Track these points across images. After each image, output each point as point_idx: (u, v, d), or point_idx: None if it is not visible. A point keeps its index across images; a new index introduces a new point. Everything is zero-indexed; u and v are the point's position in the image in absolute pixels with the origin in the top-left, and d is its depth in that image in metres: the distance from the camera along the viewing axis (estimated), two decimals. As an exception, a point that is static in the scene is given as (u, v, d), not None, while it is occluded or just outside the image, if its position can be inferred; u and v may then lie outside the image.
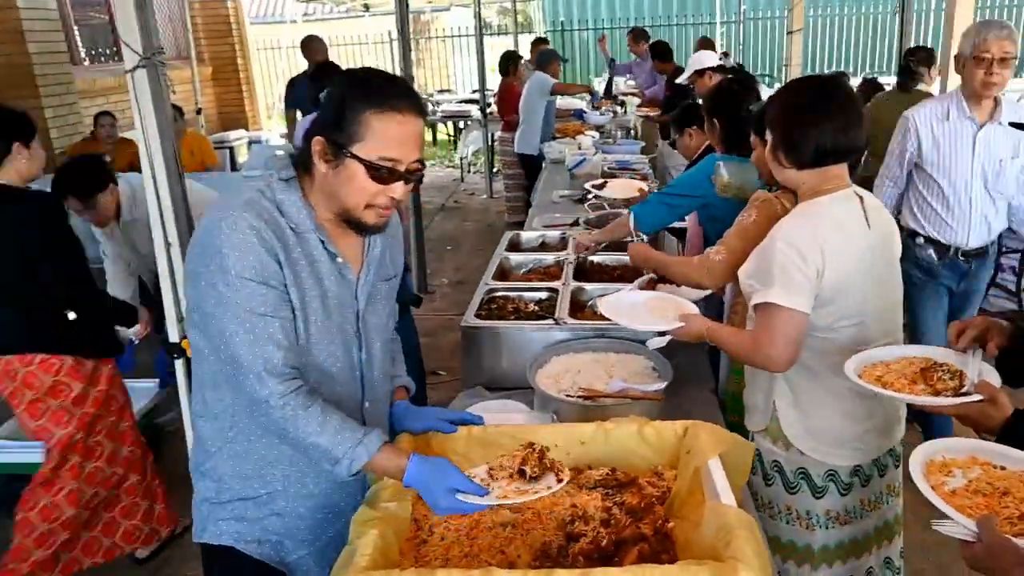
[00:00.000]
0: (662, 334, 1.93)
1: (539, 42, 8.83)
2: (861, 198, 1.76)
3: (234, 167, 7.94)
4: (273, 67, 14.76)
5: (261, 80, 12.64)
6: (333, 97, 1.35)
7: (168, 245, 2.47)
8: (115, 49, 8.30)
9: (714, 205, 2.42)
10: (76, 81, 6.70)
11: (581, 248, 2.81)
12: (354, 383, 1.50)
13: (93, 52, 7.66)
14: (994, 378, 1.45)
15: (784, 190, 1.95)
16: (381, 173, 1.32)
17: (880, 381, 1.53)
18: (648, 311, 2.05)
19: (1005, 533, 1.08)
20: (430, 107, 12.17)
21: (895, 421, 1.89)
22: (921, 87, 4.49)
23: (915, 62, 4.51)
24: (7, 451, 3.06)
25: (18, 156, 2.54)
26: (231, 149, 8.24)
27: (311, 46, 6.01)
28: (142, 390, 3.33)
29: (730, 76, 3.37)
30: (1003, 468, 1.27)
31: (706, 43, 6.59)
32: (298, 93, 5.69)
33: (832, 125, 1.66)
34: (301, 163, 1.40)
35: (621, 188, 3.90)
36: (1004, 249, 4.57)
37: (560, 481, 1.31)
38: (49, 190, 2.84)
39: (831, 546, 1.90)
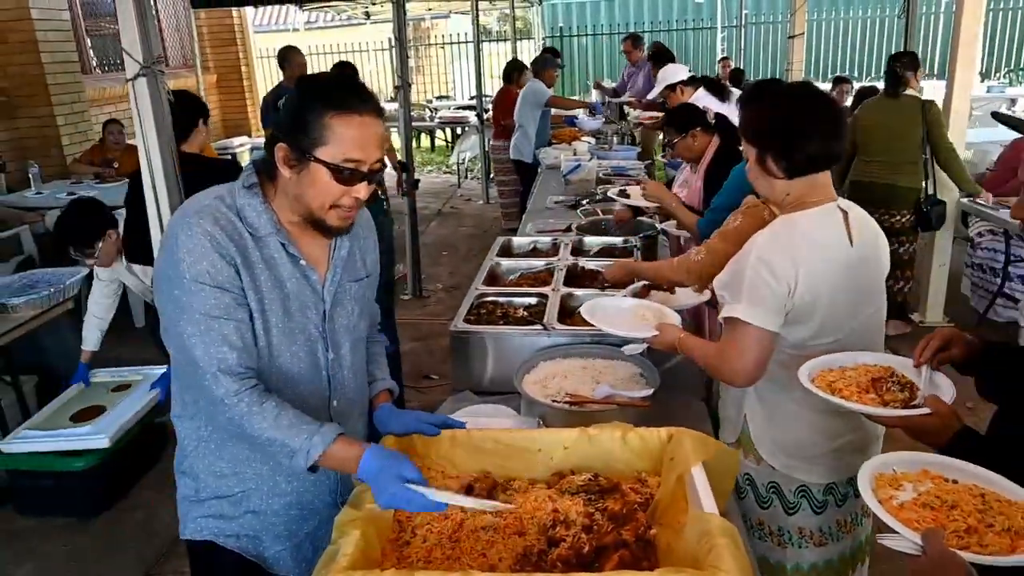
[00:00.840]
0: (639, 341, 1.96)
1: (548, 52, 8.81)
2: (846, 212, 1.71)
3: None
4: (276, 75, 14.76)
5: (264, 87, 12.65)
6: (293, 103, 1.38)
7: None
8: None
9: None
10: (87, 90, 6.82)
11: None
12: (320, 383, 1.53)
13: (103, 61, 7.76)
14: (947, 393, 1.43)
15: None
16: (344, 175, 1.36)
17: (831, 387, 1.51)
18: (632, 318, 2.08)
19: (952, 546, 1.08)
20: (428, 113, 12.24)
21: (872, 439, 1.83)
22: (908, 92, 4.56)
23: (900, 67, 4.56)
24: (31, 441, 3.17)
25: (199, 132, 3.16)
26: (234, 156, 8.33)
27: (290, 59, 5.85)
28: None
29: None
30: (955, 482, 1.26)
31: (660, 48, 6.29)
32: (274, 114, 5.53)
33: (822, 132, 1.65)
34: (264, 170, 1.44)
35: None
36: (1014, 258, 4.57)
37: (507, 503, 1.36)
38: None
39: (804, 567, 1.87)
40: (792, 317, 1.66)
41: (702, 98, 4.52)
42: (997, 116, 3.50)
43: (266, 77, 13.71)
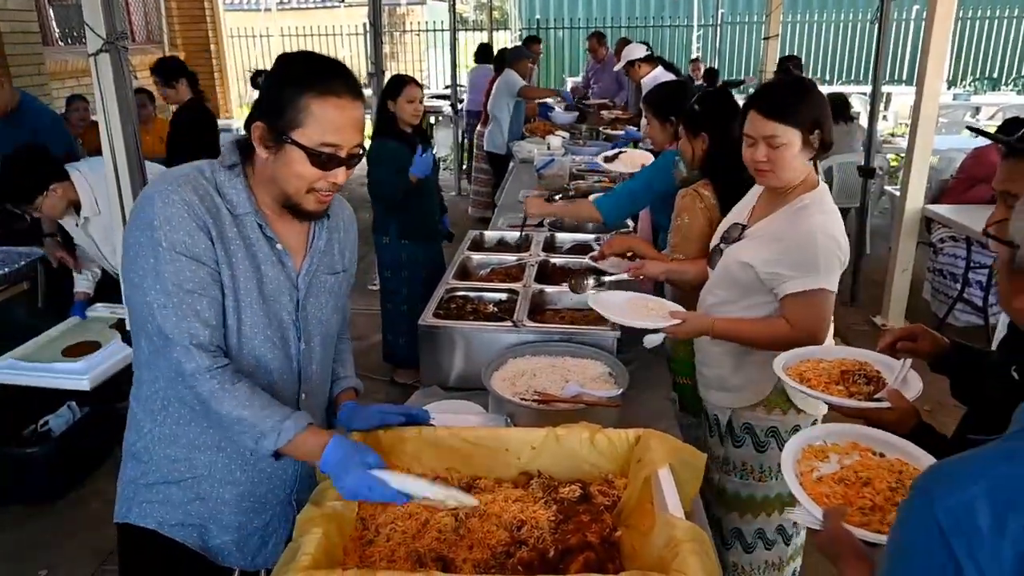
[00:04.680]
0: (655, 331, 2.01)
1: (530, 40, 8.77)
2: None
3: (203, 155, 7.81)
4: (247, 55, 14.56)
5: (234, 68, 12.46)
6: (271, 82, 1.34)
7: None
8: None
9: (671, 196, 2.51)
10: (48, 62, 6.57)
11: (532, 212, 2.95)
12: (291, 374, 1.50)
13: (66, 32, 7.50)
14: (912, 388, 1.49)
15: (704, 183, 2.31)
16: (322, 159, 1.32)
17: (802, 377, 1.59)
18: (639, 309, 2.09)
19: (855, 522, 1.13)
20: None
21: None
22: None
23: (792, 67, 5.97)
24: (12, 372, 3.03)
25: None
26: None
27: None
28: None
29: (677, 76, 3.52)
30: (882, 455, 1.31)
31: (626, 42, 6.83)
32: None
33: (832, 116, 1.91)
34: (245, 150, 1.40)
35: (627, 162, 4.09)
36: (973, 264, 4.68)
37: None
38: None
39: None
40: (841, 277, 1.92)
41: (662, 76, 5.03)
42: (972, 129, 3.60)
43: (236, 57, 13.45)
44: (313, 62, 1.35)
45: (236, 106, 11.72)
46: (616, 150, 4.40)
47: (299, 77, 1.31)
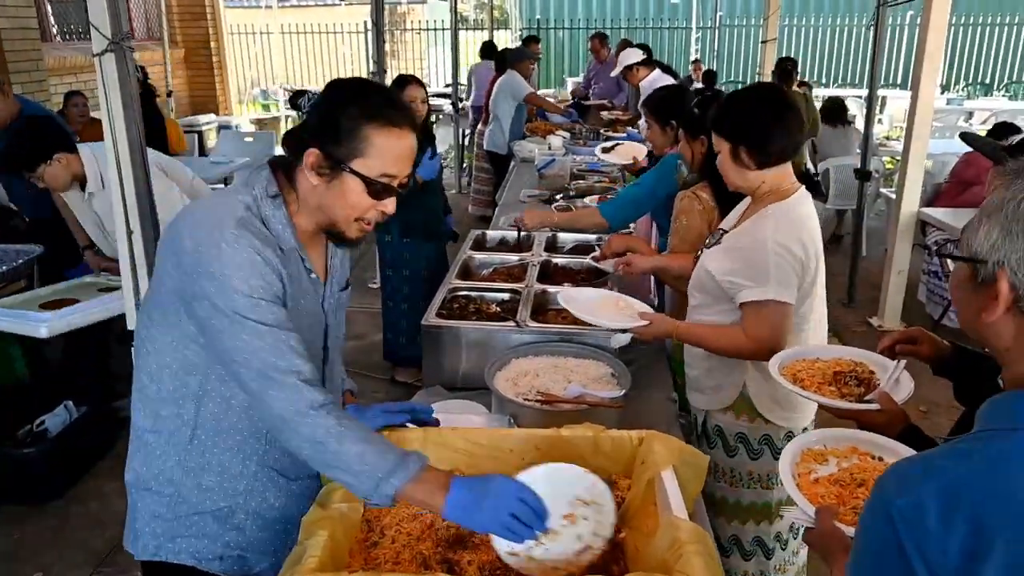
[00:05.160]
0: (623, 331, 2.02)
1: (530, 40, 8.78)
2: (808, 195, 1.98)
3: (203, 152, 7.81)
4: (247, 52, 14.54)
5: (234, 64, 12.45)
6: (327, 108, 1.30)
7: (130, 233, 2.44)
8: (87, 27, 8.10)
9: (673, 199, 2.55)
10: (46, 58, 6.57)
11: (530, 225, 2.99)
12: None
13: (65, 29, 7.49)
14: (903, 390, 1.52)
15: (703, 185, 2.34)
16: (378, 189, 1.30)
17: (795, 377, 1.61)
18: (608, 308, 2.11)
19: (847, 522, 1.14)
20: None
21: None
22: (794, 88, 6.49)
23: (790, 66, 6.55)
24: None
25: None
26: (200, 134, 8.12)
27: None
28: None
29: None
30: (880, 459, 1.33)
31: (627, 44, 6.96)
32: None
33: (788, 125, 1.87)
34: (284, 172, 1.36)
35: (623, 154, 4.39)
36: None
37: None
38: None
39: (784, 499, 2.08)
40: (801, 292, 1.89)
41: (660, 79, 5.09)
42: (965, 137, 3.62)
43: (236, 54, 13.44)
44: (371, 91, 1.33)
45: (235, 103, 11.71)
46: (613, 142, 4.75)
47: (360, 106, 1.28)
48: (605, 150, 4.54)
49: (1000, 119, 6.38)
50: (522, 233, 3.09)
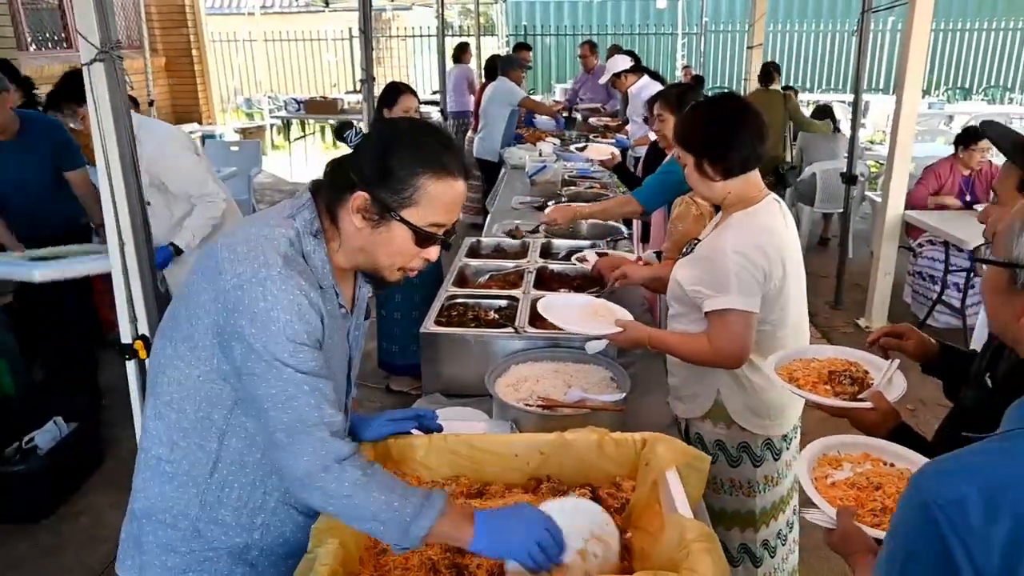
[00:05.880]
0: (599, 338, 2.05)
1: (520, 47, 8.80)
2: (778, 202, 1.99)
3: (187, 161, 7.74)
4: (229, 60, 14.46)
5: (216, 73, 12.37)
6: (381, 153, 1.24)
7: (122, 245, 2.42)
8: (64, 35, 8.05)
9: None
10: (23, 68, 6.48)
11: (560, 220, 3.03)
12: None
13: (39, 38, 7.41)
14: (896, 389, 1.55)
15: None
16: (424, 237, 1.27)
17: (791, 376, 1.64)
18: (587, 315, 2.15)
19: (866, 524, 1.17)
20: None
21: None
22: (774, 87, 6.62)
23: (772, 69, 6.76)
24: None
25: None
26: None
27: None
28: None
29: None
30: (892, 465, 1.36)
31: (617, 49, 7.00)
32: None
33: (748, 134, 1.89)
34: (326, 207, 1.30)
35: (597, 152, 4.64)
36: (952, 267, 4.78)
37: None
38: None
39: (768, 508, 2.12)
40: (768, 299, 1.89)
41: (648, 85, 5.17)
42: (986, 126, 3.64)
43: (218, 62, 13.35)
44: (427, 136, 1.27)
45: (219, 111, 11.64)
46: (583, 143, 5.37)
47: (414, 152, 1.23)
48: (579, 149, 4.97)
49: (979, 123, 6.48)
50: (519, 240, 3.12)
